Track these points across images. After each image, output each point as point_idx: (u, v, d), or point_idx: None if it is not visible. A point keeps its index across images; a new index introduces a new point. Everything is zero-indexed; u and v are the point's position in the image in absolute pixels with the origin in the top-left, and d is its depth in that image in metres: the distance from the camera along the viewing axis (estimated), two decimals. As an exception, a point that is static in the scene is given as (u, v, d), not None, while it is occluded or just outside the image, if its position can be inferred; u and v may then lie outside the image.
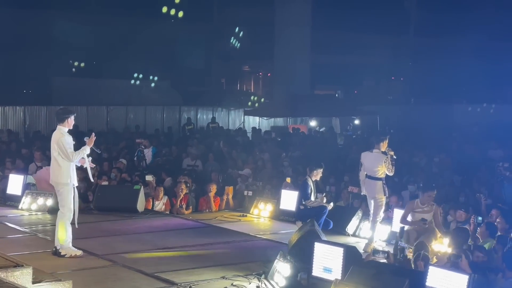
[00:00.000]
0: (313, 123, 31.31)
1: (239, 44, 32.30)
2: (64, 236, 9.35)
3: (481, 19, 37.90)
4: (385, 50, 40.99)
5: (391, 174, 10.86)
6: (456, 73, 38.62)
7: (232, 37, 32.15)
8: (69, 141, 9.30)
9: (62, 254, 9.36)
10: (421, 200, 10.41)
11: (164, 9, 23.84)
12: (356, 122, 32.00)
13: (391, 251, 9.36)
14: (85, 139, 9.52)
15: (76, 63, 34.62)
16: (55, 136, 9.37)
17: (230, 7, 39.07)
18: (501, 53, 38.33)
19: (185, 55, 37.16)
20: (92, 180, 10.10)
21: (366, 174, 10.98)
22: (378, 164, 10.79)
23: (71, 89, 30.56)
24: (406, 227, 10.30)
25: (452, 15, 39.67)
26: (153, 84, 32.71)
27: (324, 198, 11.86)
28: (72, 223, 9.46)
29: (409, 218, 10.38)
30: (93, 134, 9.60)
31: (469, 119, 30.94)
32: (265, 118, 31.19)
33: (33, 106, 27.20)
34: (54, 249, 9.48)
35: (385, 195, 10.86)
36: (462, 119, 31.73)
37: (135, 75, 33.39)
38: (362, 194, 11.51)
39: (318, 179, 12.02)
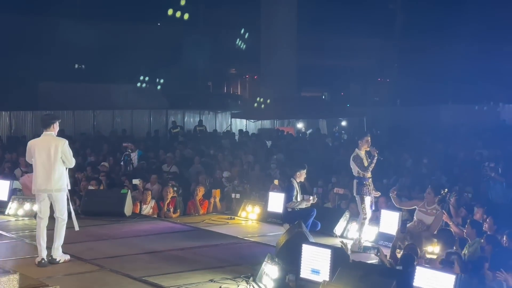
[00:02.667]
0: (300, 125, 31.37)
1: (244, 46, 32.13)
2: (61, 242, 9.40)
3: (466, 21, 38.13)
4: (371, 52, 41.15)
5: (365, 172, 10.82)
6: (442, 74, 38.83)
7: (238, 39, 32.09)
8: None
9: (57, 260, 9.31)
10: (427, 201, 10.43)
11: (170, 11, 23.75)
12: (343, 123, 32.10)
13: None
14: None
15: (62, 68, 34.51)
16: (53, 141, 9.23)
17: (216, 10, 39.09)
18: (486, 54, 38.62)
19: (173, 58, 37.13)
20: (69, 187, 9.94)
21: None
22: (351, 162, 10.90)
23: (57, 93, 30.45)
24: (408, 225, 10.38)
25: (437, 17, 39.90)
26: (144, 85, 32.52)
27: (315, 198, 11.87)
28: (69, 227, 9.47)
29: (416, 217, 10.44)
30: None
31: (455, 119, 31.10)
32: (252, 120, 31.21)
33: (19, 111, 27.07)
34: (42, 260, 9.25)
35: (358, 194, 10.86)
36: (449, 119, 31.87)
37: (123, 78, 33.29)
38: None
39: (302, 180, 12.04)
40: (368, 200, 10.90)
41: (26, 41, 32.29)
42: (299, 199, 11.71)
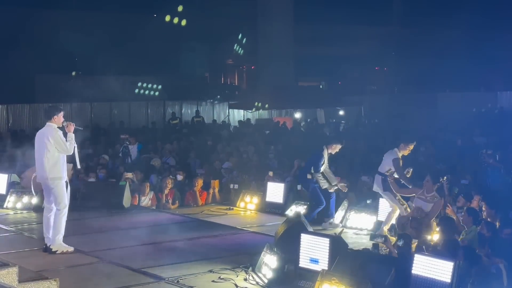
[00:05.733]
0: (297, 115, 31.35)
1: (242, 51, 32.27)
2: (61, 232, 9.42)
3: (463, 8, 38.06)
4: (368, 40, 41.04)
5: (394, 179, 10.84)
6: (439, 62, 38.79)
7: (236, 44, 32.25)
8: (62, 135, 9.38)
9: (53, 250, 9.36)
10: (425, 189, 10.45)
11: (168, 18, 23.93)
12: (341, 113, 32.08)
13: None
14: (64, 123, 9.48)
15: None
16: (46, 131, 9.34)
17: (212, 1, 38.94)
18: (483, 42, 38.59)
19: (169, 51, 37.03)
20: (79, 166, 10.11)
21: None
22: (388, 159, 10.96)
23: (54, 86, 30.36)
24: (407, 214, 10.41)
25: (434, 5, 39.80)
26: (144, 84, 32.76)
27: (337, 183, 11.85)
28: (70, 219, 9.60)
29: (414, 204, 10.48)
30: (68, 122, 9.52)
31: (453, 107, 31.11)
32: (250, 111, 31.19)
33: (16, 104, 27.01)
34: (44, 246, 9.47)
35: (387, 190, 10.84)
36: (446, 107, 31.87)
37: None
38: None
39: (333, 153, 12.05)
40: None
41: (22, 34, 32.16)
42: (322, 169, 11.70)
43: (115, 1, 35.18)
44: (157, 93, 33.71)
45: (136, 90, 32.47)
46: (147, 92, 33.34)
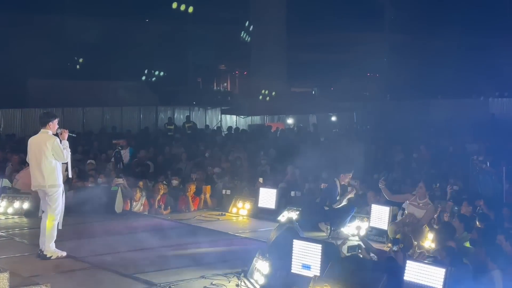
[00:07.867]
0: (290, 121, 31.38)
1: (249, 38, 32.14)
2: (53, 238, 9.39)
3: (455, 15, 38.24)
4: (360, 47, 41.18)
5: None
6: (431, 69, 38.90)
7: (243, 31, 32.16)
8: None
9: (48, 256, 9.33)
10: (418, 195, 10.45)
11: (174, 5, 24.00)
12: (333, 119, 32.12)
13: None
14: (58, 130, 9.46)
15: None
16: (43, 138, 9.28)
17: (204, 7, 38.99)
18: (475, 49, 38.75)
19: (162, 55, 37.04)
20: (70, 175, 10.10)
21: None
22: None
23: (46, 91, 30.30)
24: (398, 219, 10.40)
25: (427, 11, 39.96)
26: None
27: (354, 191, 11.81)
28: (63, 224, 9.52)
29: (407, 210, 10.45)
30: (63, 129, 9.51)
31: (445, 114, 31.13)
32: (242, 116, 31.20)
33: (8, 109, 26.91)
34: (39, 252, 9.44)
35: None
36: (438, 114, 31.90)
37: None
38: None
39: (346, 183, 11.99)
40: None
41: (14, 38, 32.10)
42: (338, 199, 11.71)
43: (108, 6, 35.18)
44: (162, 73, 33.85)
45: (143, 77, 32.74)
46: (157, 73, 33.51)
